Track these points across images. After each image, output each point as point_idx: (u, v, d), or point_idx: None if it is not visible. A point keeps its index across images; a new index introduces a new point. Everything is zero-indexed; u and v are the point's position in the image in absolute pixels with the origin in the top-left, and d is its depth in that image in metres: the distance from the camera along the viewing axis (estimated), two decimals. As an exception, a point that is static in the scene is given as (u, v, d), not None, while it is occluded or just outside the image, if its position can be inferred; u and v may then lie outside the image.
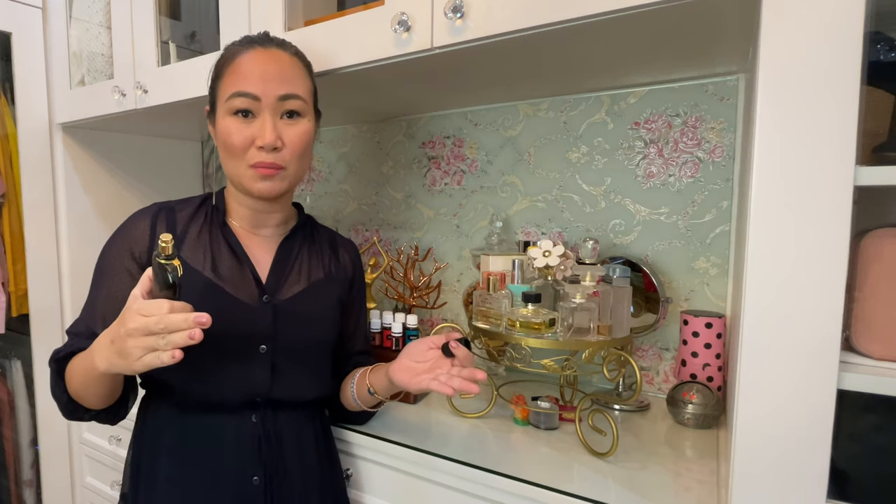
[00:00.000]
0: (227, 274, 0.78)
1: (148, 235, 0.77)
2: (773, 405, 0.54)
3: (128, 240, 0.77)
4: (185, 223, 0.80)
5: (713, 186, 1.02)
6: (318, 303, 0.84)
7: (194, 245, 0.78)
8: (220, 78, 0.78)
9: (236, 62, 0.76)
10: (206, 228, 0.80)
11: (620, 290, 0.89)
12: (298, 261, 0.85)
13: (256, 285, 0.79)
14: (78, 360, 0.70)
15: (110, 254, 0.77)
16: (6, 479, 1.56)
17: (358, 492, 0.92)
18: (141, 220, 0.78)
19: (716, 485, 0.73)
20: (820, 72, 0.50)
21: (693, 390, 0.93)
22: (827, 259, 0.51)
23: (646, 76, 1.01)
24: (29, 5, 1.37)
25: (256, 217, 0.83)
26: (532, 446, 0.85)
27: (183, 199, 0.84)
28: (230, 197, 0.83)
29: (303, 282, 0.83)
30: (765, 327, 0.54)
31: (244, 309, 0.76)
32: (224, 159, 0.78)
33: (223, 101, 0.76)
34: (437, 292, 1.26)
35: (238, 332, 0.75)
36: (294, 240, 0.86)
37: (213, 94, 0.80)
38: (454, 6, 0.76)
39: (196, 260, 0.77)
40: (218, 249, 0.79)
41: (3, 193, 1.39)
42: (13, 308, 1.41)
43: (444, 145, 1.34)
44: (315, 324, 0.83)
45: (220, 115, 0.77)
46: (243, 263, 0.79)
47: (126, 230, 0.78)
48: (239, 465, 0.75)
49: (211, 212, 0.82)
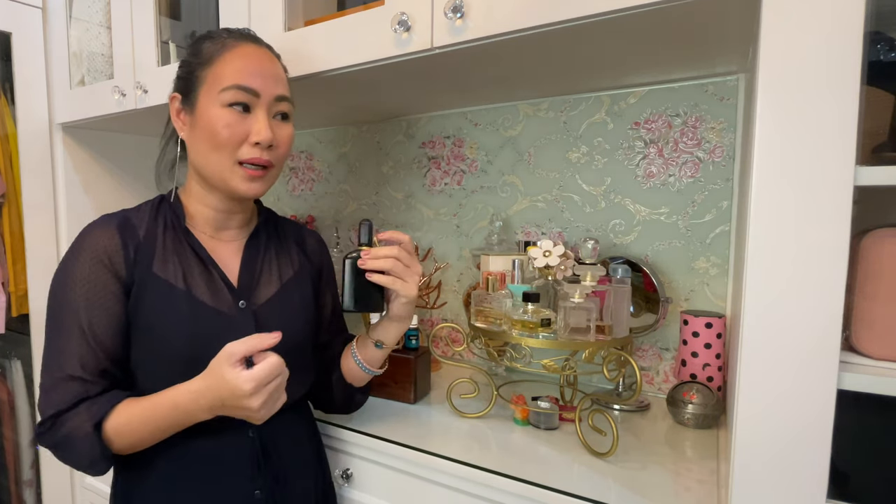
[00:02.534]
0: (199, 284, 0.73)
1: (119, 245, 0.70)
2: (773, 405, 0.54)
3: (96, 253, 0.69)
4: (146, 233, 0.73)
5: (713, 186, 1.02)
6: (294, 302, 0.81)
7: (162, 256, 0.73)
8: (210, 65, 0.73)
9: (233, 52, 0.73)
10: (168, 236, 0.75)
11: (620, 290, 0.89)
12: (267, 260, 0.82)
13: (230, 291, 0.75)
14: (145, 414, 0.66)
15: (77, 275, 0.69)
16: (6, 479, 1.56)
17: (358, 492, 0.92)
18: (104, 232, 0.71)
19: (716, 485, 0.73)
20: (820, 72, 0.50)
21: (693, 390, 0.93)
22: (827, 259, 0.51)
23: (646, 76, 1.01)
24: (29, 5, 1.37)
25: (221, 219, 0.79)
26: (532, 446, 0.85)
27: (131, 208, 0.77)
28: (189, 198, 0.79)
29: (275, 282, 0.81)
30: (765, 327, 0.54)
31: (224, 319, 0.73)
32: (204, 153, 0.73)
33: (216, 91, 0.71)
34: (437, 292, 1.26)
35: (221, 344, 0.68)
36: (259, 239, 0.83)
37: (195, 81, 0.74)
38: (454, 6, 0.76)
39: (167, 272, 0.72)
40: (185, 258, 0.74)
41: (3, 193, 1.39)
42: (13, 308, 1.41)
43: (444, 145, 1.34)
44: (295, 323, 0.80)
45: (208, 105, 0.72)
46: (212, 270, 0.75)
47: (90, 246, 0.70)
48: (240, 484, 0.73)
49: (168, 217, 0.76)
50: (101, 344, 0.68)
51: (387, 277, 0.75)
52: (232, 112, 0.71)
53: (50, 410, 0.67)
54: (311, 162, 1.61)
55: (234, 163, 0.73)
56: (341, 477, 0.93)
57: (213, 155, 0.73)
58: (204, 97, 0.72)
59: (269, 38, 0.99)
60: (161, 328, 0.70)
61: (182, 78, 0.76)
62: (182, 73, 0.76)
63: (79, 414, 0.66)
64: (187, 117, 0.75)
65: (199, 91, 0.73)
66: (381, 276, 0.75)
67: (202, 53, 0.74)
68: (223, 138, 0.71)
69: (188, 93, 0.74)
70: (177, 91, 0.76)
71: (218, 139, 0.71)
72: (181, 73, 0.76)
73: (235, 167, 0.73)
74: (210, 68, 0.73)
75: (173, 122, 0.77)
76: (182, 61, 0.77)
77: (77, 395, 0.67)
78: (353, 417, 0.96)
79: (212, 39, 0.75)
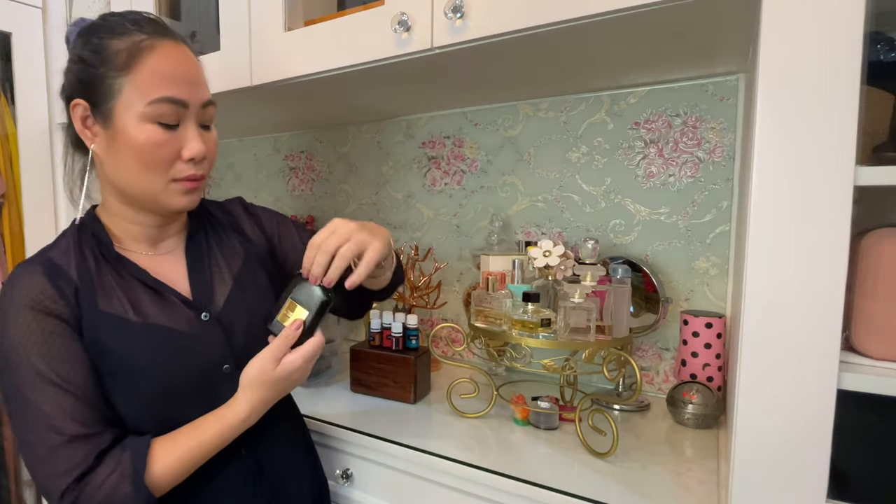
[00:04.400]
0: (153, 309, 0.67)
1: (54, 293, 0.62)
2: (774, 405, 0.54)
3: (32, 305, 0.61)
4: (78, 272, 0.65)
5: (713, 186, 1.02)
6: (251, 292, 0.76)
7: (103, 293, 0.65)
8: (128, 71, 0.62)
9: (154, 55, 0.63)
10: (102, 269, 0.66)
11: (620, 290, 0.89)
12: (212, 259, 0.76)
13: (187, 306, 0.69)
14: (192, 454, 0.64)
15: (20, 335, 0.60)
16: (6, 479, 1.56)
17: (358, 492, 0.92)
18: (31, 283, 0.62)
19: (716, 485, 0.73)
20: (820, 72, 0.50)
21: (693, 390, 0.93)
22: (827, 259, 0.51)
23: (646, 76, 1.01)
24: (29, 5, 1.37)
25: (154, 234, 0.72)
26: (532, 446, 0.85)
27: (49, 247, 0.68)
28: (111, 217, 0.70)
29: (228, 279, 0.75)
30: (765, 327, 0.54)
31: (190, 338, 0.68)
32: (130, 173, 0.65)
33: (141, 105, 0.62)
34: (437, 292, 1.26)
35: (196, 364, 0.67)
36: (197, 239, 0.76)
37: (107, 90, 0.63)
38: (454, 6, 0.76)
39: (115, 307, 0.64)
40: (129, 287, 0.67)
41: (3, 193, 1.39)
42: (13, 308, 1.41)
43: (444, 145, 1.34)
44: (259, 314, 0.75)
45: (130, 120, 0.63)
46: (161, 291, 0.68)
47: (20, 301, 0.61)
48: (251, 496, 0.71)
49: (94, 247, 0.68)
50: (84, 394, 0.61)
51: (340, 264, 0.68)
52: (160, 129, 0.63)
53: (66, 479, 0.58)
54: (311, 162, 1.61)
55: (167, 182, 0.66)
56: (341, 477, 0.93)
57: (142, 175, 0.65)
58: (123, 111, 0.63)
59: (269, 38, 1.00)
60: (128, 367, 0.64)
61: (85, 82, 0.64)
62: (84, 77, 0.64)
63: (107, 475, 0.59)
64: (100, 129, 0.65)
65: (115, 102, 0.63)
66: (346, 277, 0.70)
67: (110, 54, 0.63)
68: (155, 159, 0.64)
69: (99, 102, 0.64)
70: (80, 97, 0.65)
71: (149, 159, 0.64)
72: (83, 76, 0.64)
73: (169, 185, 0.66)
74: (128, 76, 0.62)
75: (77, 130, 0.66)
76: (77, 58, 0.65)
77: (90, 453, 0.60)
78: (353, 417, 0.97)
79: (118, 35, 0.64)
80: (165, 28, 0.67)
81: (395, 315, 1.09)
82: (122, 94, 0.63)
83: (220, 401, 0.69)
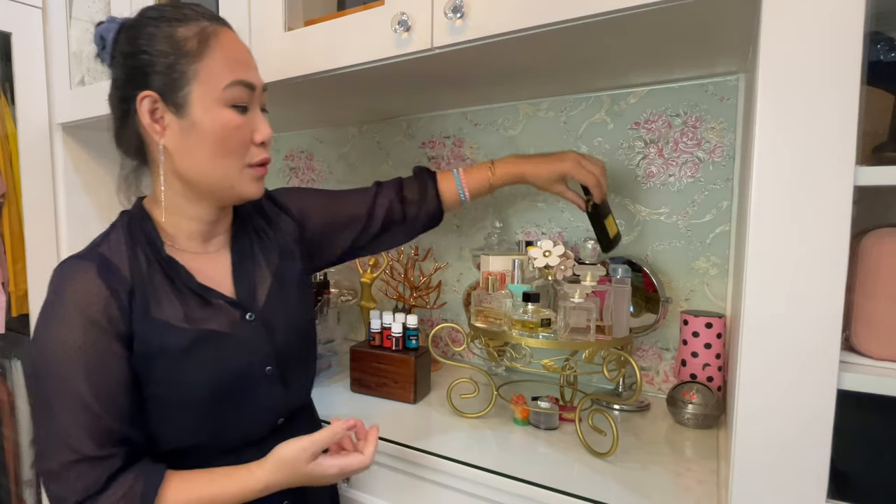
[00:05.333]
0: (200, 313, 0.66)
1: (109, 296, 0.61)
2: (773, 405, 0.54)
3: (86, 313, 0.59)
4: (131, 273, 0.63)
5: (713, 186, 1.02)
6: (289, 289, 0.76)
7: (155, 296, 0.64)
8: (200, 58, 0.63)
9: (220, 41, 0.64)
10: (155, 271, 0.65)
11: (620, 290, 0.89)
12: (254, 256, 0.75)
13: (232, 306, 0.68)
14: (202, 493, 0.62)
15: (68, 343, 0.59)
16: (6, 479, 1.56)
17: (358, 492, 0.92)
18: (86, 283, 0.60)
19: (716, 485, 0.73)
20: (820, 72, 0.50)
21: (693, 390, 0.93)
22: (827, 259, 0.51)
23: (646, 76, 1.01)
24: (29, 5, 1.37)
25: (208, 230, 0.71)
26: (532, 446, 0.85)
27: (100, 242, 0.66)
28: (166, 216, 0.68)
29: (267, 276, 0.74)
30: (765, 327, 0.54)
31: (237, 340, 0.67)
32: (206, 161, 0.65)
33: (218, 89, 0.63)
34: (437, 292, 1.26)
35: (241, 366, 0.67)
36: (241, 237, 0.75)
37: (181, 77, 0.62)
38: (454, 6, 0.76)
39: (167, 313, 0.64)
40: (178, 291, 0.66)
41: (3, 193, 1.39)
42: (13, 308, 1.41)
43: (444, 145, 1.34)
44: (297, 308, 0.76)
45: (208, 106, 0.63)
46: (206, 295, 0.67)
47: (74, 304, 0.59)
48: (268, 498, 0.68)
49: (146, 247, 0.66)
50: (112, 413, 0.60)
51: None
52: (235, 112, 0.65)
53: (73, 497, 0.58)
54: (311, 162, 1.61)
55: (242, 168, 0.67)
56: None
57: (219, 162, 0.65)
58: (199, 97, 0.63)
59: (269, 38, 1.00)
60: (177, 374, 0.63)
61: (153, 72, 0.63)
62: (151, 67, 0.63)
63: (116, 500, 0.59)
64: (172, 119, 0.64)
65: (189, 89, 0.63)
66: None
67: (178, 41, 0.63)
68: (234, 143, 0.65)
69: (171, 91, 0.63)
70: (147, 89, 0.63)
71: (227, 144, 0.64)
72: (149, 67, 0.63)
73: (244, 170, 0.67)
74: (200, 61, 0.63)
75: (146, 125, 0.64)
76: (136, 50, 0.63)
77: (101, 476, 0.59)
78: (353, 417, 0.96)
79: (182, 23, 0.64)
80: (218, 15, 0.68)
81: (395, 315, 1.09)
82: (196, 80, 0.63)
83: (260, 402, 0.70)
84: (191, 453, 0.67)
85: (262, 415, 0.71)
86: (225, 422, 0.68)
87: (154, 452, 0.66)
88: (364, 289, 1.28)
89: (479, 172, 0.93)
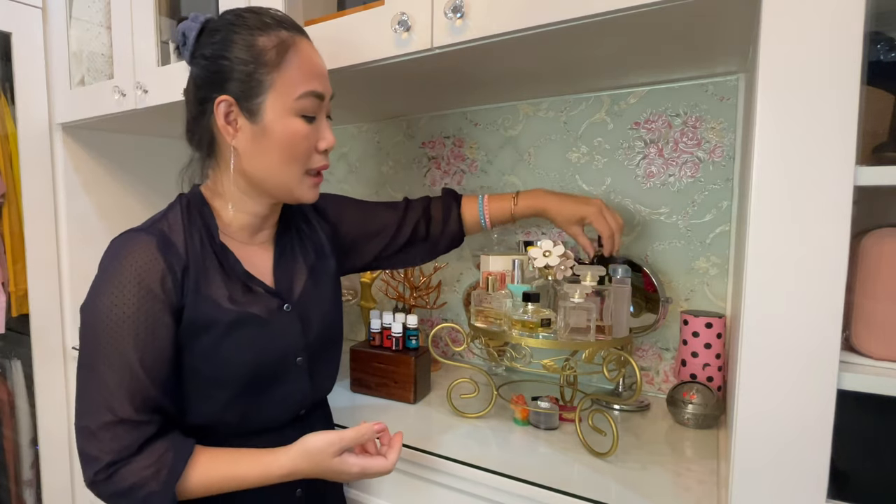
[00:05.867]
0: (243, 297, 0.70)
1: (165, 270, 0.64)
2: (773, 405, 0.54)
3: (143, 281, 0.62)
4: (186, 251, 0.67)
5: (713, 186, 1.02)
6: (323, 284, 0.80)
7: (206, 276, 0.68)
8: (278, 68, 0.66)
9: (296, 51, 0.67)
10: (208, 254, 0.69)
11: (620, 290, 0.89)
12: (294, 252, 0.79)
13: (271, 296, 0.73)
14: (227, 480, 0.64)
15: (123, 308, 0.62)
16: (6, 479, 1.56)
17: (358, 492, 0.92)
18: (146, 255, 0.64)
19: (716, 485, 0.73)
20: (820, 72, 0.50)
21: (693, 390, 0.93)
22: (827, 259, 0.51)
23: (646, 76, 1.01)
24: (29, 5, 1.37)
25: (258, 224, 0.75)
26: (532, 446, 0.85)
27: (159, 219, 0.70)
28: (222, 203, 0.73)
29: (304, 271, 0.78)
30: (765, 327, 0.54)
31: (274, 326, 0.71)
32: (273, 165, 0.68)
33: (291, 99, 0.66)
34: (437, 292, 1.26)
35: (276, 353, 0.71)
36: (285, 232, 0.80)
37: (258, 85, 0.66)
38: (454, 6, 0.76)
39: (214, 292, 0.67)
40: (226, 275, 0.70)
41: (3, 193, 1.39)
42: (13, 308, 1.41)
43: (444, 145, 1.34)
44: (328, 304, 0.80)
45: (280, 114, 0.66)
46: (249, 282, 0.71)
47: (133, 272, 0.62)
48: (283, 485, 0.70)
49: (202, 230, 0.70)
50: (154, 380, 0.63)
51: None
52: (303, 122, 0.68)
53: (106, 457, 0.60)
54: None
55: (303, 173, 0.71)
56: (341, 477, 0.93)
57: (284, 167, 0.69)
58: (272, 105, 0.66)
59: (269, 38, 1.00)
60: (221, 352, 0.67)
61: (232, 79, 0.66)
62: (231, 74, 0.66)
63: (145, 466, 0.61)
64: (245, 124, 0.67)
65: (264, 97, 0.66)
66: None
67: (259, 51, 0.66)
68: (300, 151, 0.68)
69: (247, 98, 0.66)
70: (225, 94, 0.66)
71: (294, 151, 0.68)
72: (229, 74, 0.66)
73: (304, 177, 0.71)
74: (277, 72, 0.66)
75: (220, 126, 0.67)
76: (218, 55, 0.66)
77: (135, 441, 0.61)
78: (353, 417, 0.96)
79: (263, 32, 0.66)
80: (298, 24, 0.71)
81: (395, 315, 1.09)
82: (272, 90, 0.66)
83: (294, 391, 0.74)
84: (213, 431, 0.70)
85: (287, 402, 0.74)
86: (253, 404, 0.71)
87: (180, 426, 0.68)
88: (364, 289, 1.28)
89: (503, 201, 0.96)
